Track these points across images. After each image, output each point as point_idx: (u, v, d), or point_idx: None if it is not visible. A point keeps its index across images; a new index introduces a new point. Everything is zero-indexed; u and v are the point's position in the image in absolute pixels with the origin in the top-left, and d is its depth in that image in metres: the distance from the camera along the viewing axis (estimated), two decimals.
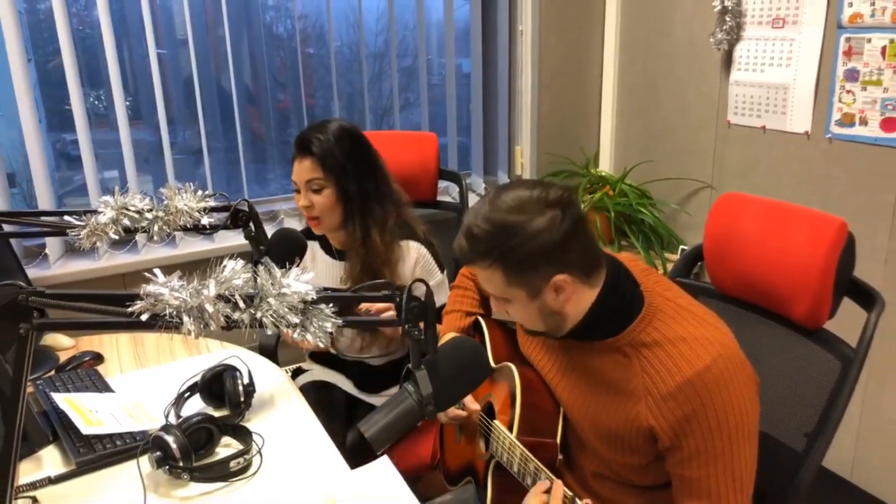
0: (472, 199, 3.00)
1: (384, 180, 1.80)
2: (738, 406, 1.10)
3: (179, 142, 2.70)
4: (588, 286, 1.19)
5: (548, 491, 1.18)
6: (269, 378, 1.72)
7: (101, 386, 1.64)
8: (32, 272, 2.23)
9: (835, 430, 1.25)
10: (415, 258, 1.80)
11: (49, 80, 2.43)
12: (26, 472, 1.34)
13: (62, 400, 1.48)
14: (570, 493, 1.15)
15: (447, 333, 1.58)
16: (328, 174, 1.70)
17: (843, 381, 1.26)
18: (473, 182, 3.14)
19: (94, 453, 1.37)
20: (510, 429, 1.30)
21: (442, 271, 1.85)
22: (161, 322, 0.86)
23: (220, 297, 0.88)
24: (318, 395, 1.87)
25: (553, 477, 1.22)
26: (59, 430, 1.44)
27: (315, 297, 0.92)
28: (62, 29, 2.19)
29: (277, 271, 0.92)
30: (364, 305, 1.60)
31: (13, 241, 2.07)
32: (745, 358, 1.14)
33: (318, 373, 1.99)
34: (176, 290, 0.86)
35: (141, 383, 1.69)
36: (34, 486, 1.30)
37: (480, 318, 1.59)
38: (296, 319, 0.91)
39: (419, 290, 0.98)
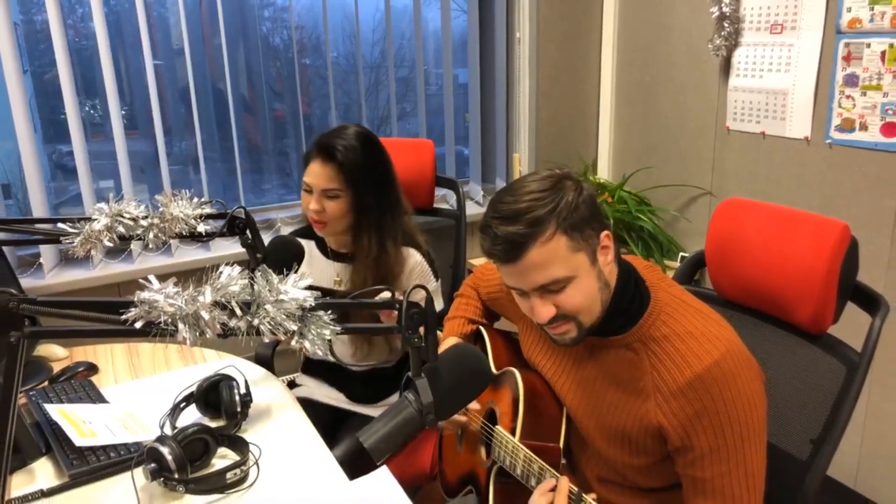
0: (470, 206, 2.99)
1: (398, 192, 1.78)
2: (748, 401, 1.09)
3: (175, 152, 2.69)
4: (615, 258, 1.19)
5: (553, 489, 1.17)
6: (265, 388, 1.69)
7: (95, 396, 1.61)
8: (26, 282, 2.20)
9: (841, 436, 1.23)
10: (411, 265, 1.78)
11: (45, 91, 2.43)
12: (18, 485, 1.31)
13: (55, 411, 1.45)
14: (576, 489, 1.14)
15: (448, 338, 1.57)
16: (348, 184, 1.67)
17: (849, 386, 1.25)
18: (472, 190, 3.13)
19: (88, 465, 1.34)
20: (513, 434, 1.29)
21: (436, 280, 1.83)
22: (155, 330, 0.84)
23: (216, 303, 0.86)
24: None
25: (558, 474, 1.20)
26: (52, 441, 1.41)
27: (313, 304, 0.91)
28: (58, 40, 2.19)
29: (275, 277, 0.91)
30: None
31: (6, 250, 2.04)
32: (751, 354, 1.14)
33: (310, 387, 1.95)
34: (171, 296, 0.84)
35: (135, 394, 1.67)
36: (26, 499, 1.27)
37: (482, 328, 1.57)
38: (294, 326, 0.90)
39: (419, 296, 0.96)
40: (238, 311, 0.87)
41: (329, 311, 0.94)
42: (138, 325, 0.83)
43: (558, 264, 1.09)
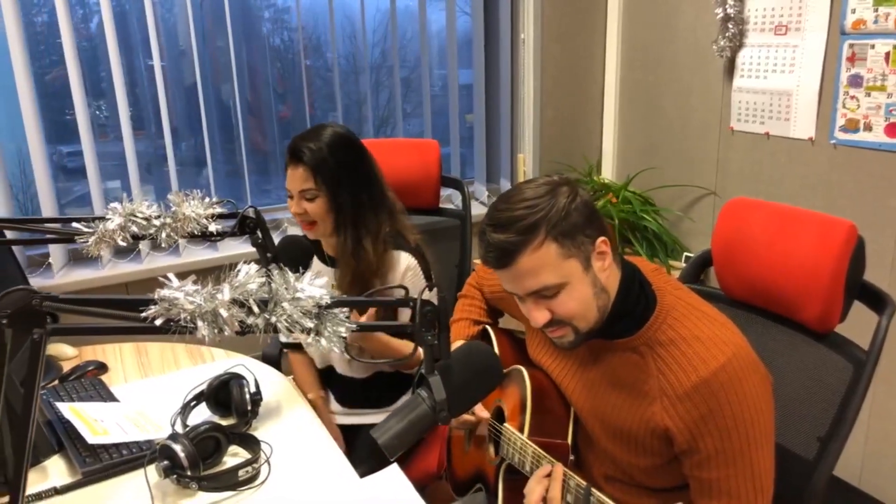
0: (475, 206, 3.01)
1: (379, 189, 1.77)
2: (754, 405, 1.10)
3: (178, 153, 2.70)
4: (616, 262, 1.19)
5: (549, 475, 1.19)
6: (274, 387, 1.71)
7: (106, 395, 1.63)
8: (35, 281, 2.22)
9: (848, 433, 1.24)
10: (403, 268, 1.76)
11: (47, 92, 2.43)
12: (31, 482, 1.32)
13: (67, 409, 1.47)
14: (585, 484, 1.15)
15: (456, 341, 1.57)
16: (321, 184, 1.67)
17: (856, 384, 1.26)
18: (476, 190, 3.14)
19: (101, 463, 1.36)
20: (521, 431, 1.30)
21: (430, 289, 1.82)
22: (175, 327, 0.85)
23: (234, 301, 0.87)
24: None
25: (554, 461, 1.22)
26: (65, 439, 1.42)
27: (329, 302, 0.92)
28: (67, 42, 2.20)
29: (291, 276, 0.92)
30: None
31: (16, 250, 2.05)
32: (758, 357, 1.15)
33: None
34: (190, 294, 0.85)
35: (145, 392, 1.68)
36: (40, 496, 1.28)
37: (488, 327, 1.58)
38: (310, 324, 0.91)
39: (432, 296, 0.97)
40: (256, 309, 0.88)
41: (345, 309, 0.95)
42: (158, 322, 0.84)
43: (549, 271, 1.11)
